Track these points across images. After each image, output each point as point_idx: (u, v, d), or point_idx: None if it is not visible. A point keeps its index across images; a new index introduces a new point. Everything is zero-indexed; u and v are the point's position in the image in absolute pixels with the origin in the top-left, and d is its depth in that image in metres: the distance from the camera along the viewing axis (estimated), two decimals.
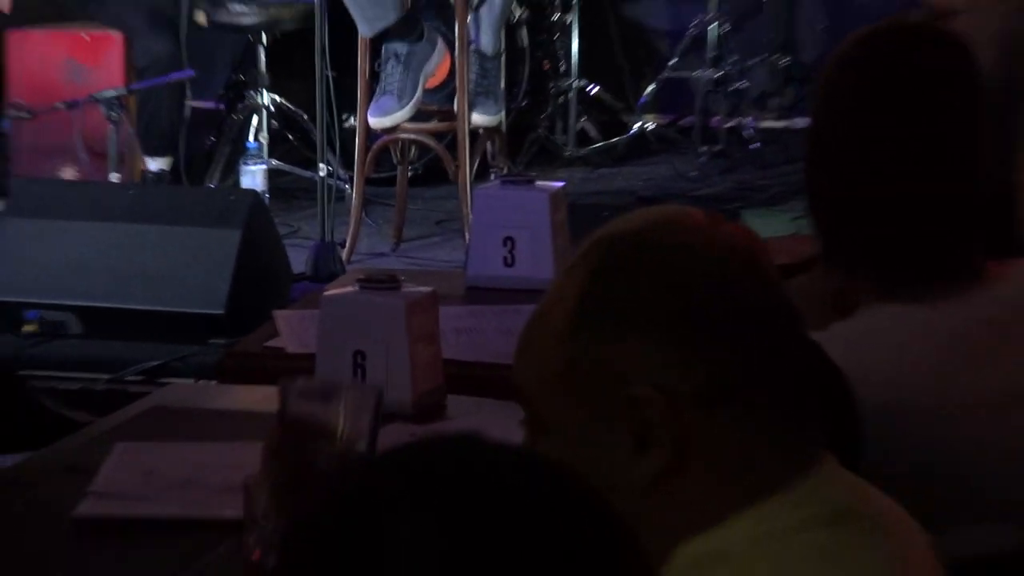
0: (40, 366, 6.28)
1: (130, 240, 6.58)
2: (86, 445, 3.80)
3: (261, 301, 6.03)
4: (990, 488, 2.93)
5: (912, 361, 2.98)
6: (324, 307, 3.97)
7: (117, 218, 6.66)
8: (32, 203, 6.86)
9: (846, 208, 3.12)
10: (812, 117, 3.26)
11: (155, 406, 4.14)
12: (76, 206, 6.79)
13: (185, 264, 6.51)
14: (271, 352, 4.37)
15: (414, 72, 7.39)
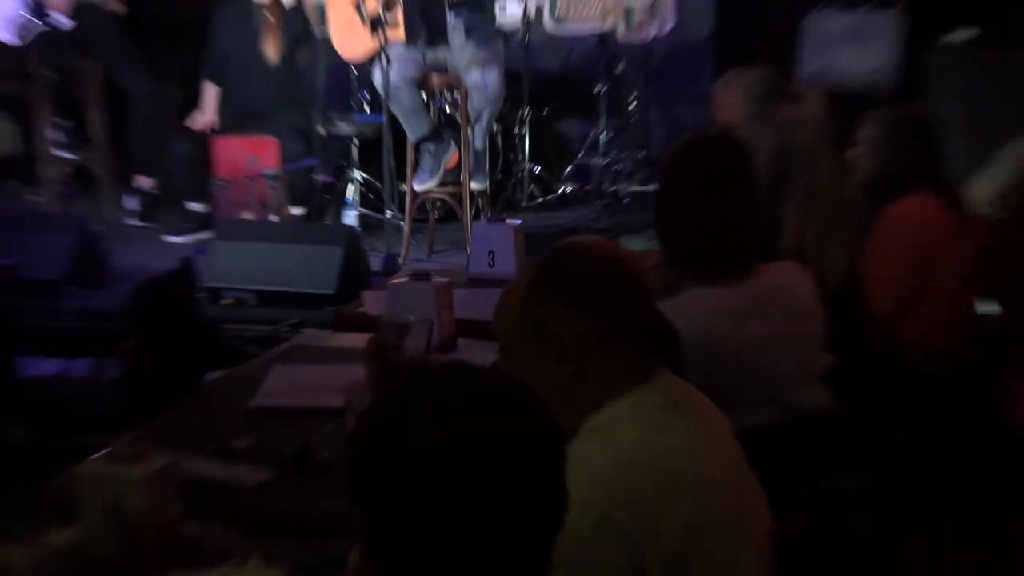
0: (232, 323, 6.76)
1: (282, 253, 7.08)
2: (258, 366, 4.20)
3: (354, 286, 6.67)
4: (756, 389, 3.31)
5: (712, 319, 3.32)
6: (390, 290, 4.32)
7: (275, 240, 7.18)
8: (227, 232, 7.37)
9: (675, 236, 3.46)
10: (659, 185, 3.59)
11: (295, 345, 4.59)
12: (252, 233, 7.30)
13: (313, 265, 6.99)
14: (360, 314, 4.83)
15: (438, 160, 7.99)
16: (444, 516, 1.69)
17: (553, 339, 2.43)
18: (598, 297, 2.45)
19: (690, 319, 3.25)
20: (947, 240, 4.95)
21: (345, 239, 7.18)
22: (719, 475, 2.42)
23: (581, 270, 2.49)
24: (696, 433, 2.45)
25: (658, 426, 2.41)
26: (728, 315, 3.37)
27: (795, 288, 3.55)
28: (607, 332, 2.44)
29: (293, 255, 7.13)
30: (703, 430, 2.48)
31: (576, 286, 2.46)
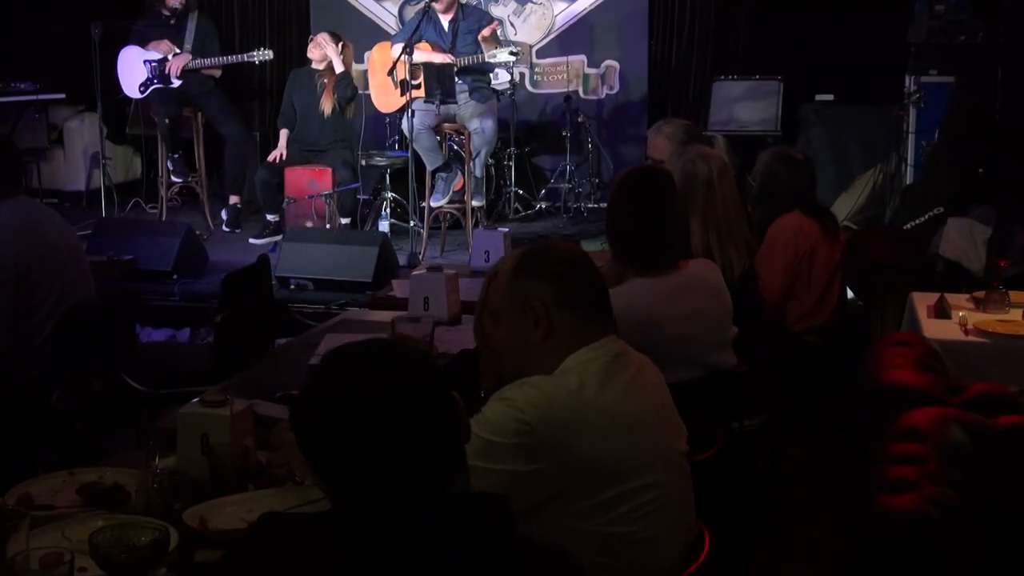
0: (295, 303, 6.72)
1: (334, 251, 7.09)
2: (314, 335, 4.16)
3: (386, 275, 6.60)
4: (682, 353, 3.27)
5: (648, 300, 3.27)
6: (412, 279, 4.29)
7: (328, 242, 7.22)
8: (294, 236, 7.41)
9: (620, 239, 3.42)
10: (608, 203, 3.54)
11: (342, 319, 4.55)
12: (311, 237, 7.36)
13: (356, 260, 7.00)
14: (390, 297, 4.77)
15: (448, 184, 8.08)
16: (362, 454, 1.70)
17: (529, 308, 2.41)
18: (561, 274, 2.44)
19: (633, 301, 3.21)
20: (820, 244, 4.94)
21: (379, 241, 7.21)
22: (643, 421, 2.38)
23: (550, 256, 2.49)
24: (629, 385, 2.40)
25: (601, 377, 2.35)
26: (661, 297, 3.33)
27: (709, 277, 3.51)
28: (567, 300, 2.41)
29: (341, 253, 7.13)
30: (636, 381, 2.41)
31: (546, 266, 2.45)
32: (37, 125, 9.81)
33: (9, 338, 4.13)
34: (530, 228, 8.79)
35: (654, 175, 3.57)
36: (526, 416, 2.26)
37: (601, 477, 2.28)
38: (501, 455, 2.24)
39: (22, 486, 2.58)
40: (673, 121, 4.95)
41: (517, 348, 2.46)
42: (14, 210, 4.22)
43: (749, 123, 8.74)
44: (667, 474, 2.39)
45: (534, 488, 2.26)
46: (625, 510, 2.30)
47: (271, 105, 10.21)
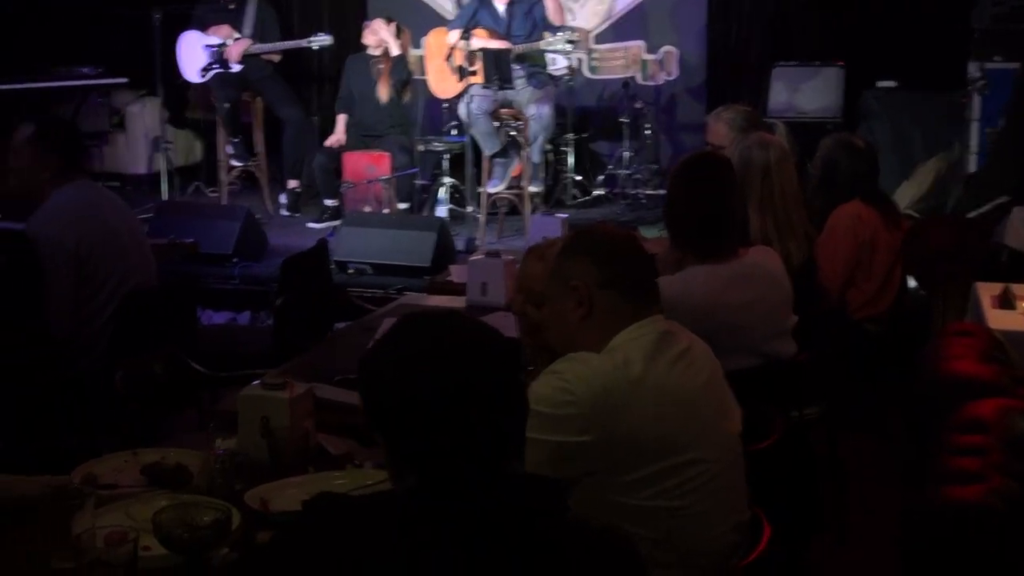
0: (354, 287, 6.75)
1: (392, 236, 7.15)
2: (372, 319, 4.20)
3: (443, 261, 6.68)
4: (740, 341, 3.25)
5: (707, 288, 3.27)
6: (470, 264, 4.39)
7: (387, 227, 7.28)
8: (352, 221, 7.48)
9: (679, 226, 3.43)
10: (667, 189, 3.57)
11: (400, 303, 4.61)
12: (370, 222, 7.43)
13: (414, 245, 7.04)
14: (448, 282, 4.82)
15: (506, 170, 8.06)
16: (430, 424, 1.69)
17: (572, 288, 2.45)
18: (604, 255, 2.47)
19: (691, 288, 3.22)
20: (881, 232, 4.90)
21: (437, 226, 7.26)
22: (689, 398, 2.39)
23: (594, 237, 2.54)
24: (676, 362, 2.41)
25: (647, 354, 2.38)
26: (719, 285, 3.32)
27: (769, 265, 3.49)
28: (609, 281, 2.44)
29: (399, 238, 7.17)
30: (683, 359, 2.43)
31: (589, 247, 2.49)
32: (99, 109, 9.91)
33: (71, 321, 4.17)
34: (587, 214, 8.79)
35: (713, 161, 3.56)
36: (573, 388, 2.29)
37: (645, 451, 2.30)
38: (548, 426, 2.26)
39: (86, 465, 2.62)
40: (733, 107, 4.94)
41: (561, 327, 2.51)
42: (76, 194, 4.26)
43: (809, 110, 8.68)
44: (714, 452, 2.39)
45: (579, 460, 2.29)
46: (670, 485, 2.32)
47: (330, 90, 10.20)
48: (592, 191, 9.31)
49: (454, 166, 8.55)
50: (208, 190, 9.52)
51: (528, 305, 2.82)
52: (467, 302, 4.37)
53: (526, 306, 2.84)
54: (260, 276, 7.16)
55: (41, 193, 4.22)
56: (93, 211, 4.26)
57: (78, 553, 2.01)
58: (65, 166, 4.23)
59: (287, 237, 8.09)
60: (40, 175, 4.19)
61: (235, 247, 7.36)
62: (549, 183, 8.92)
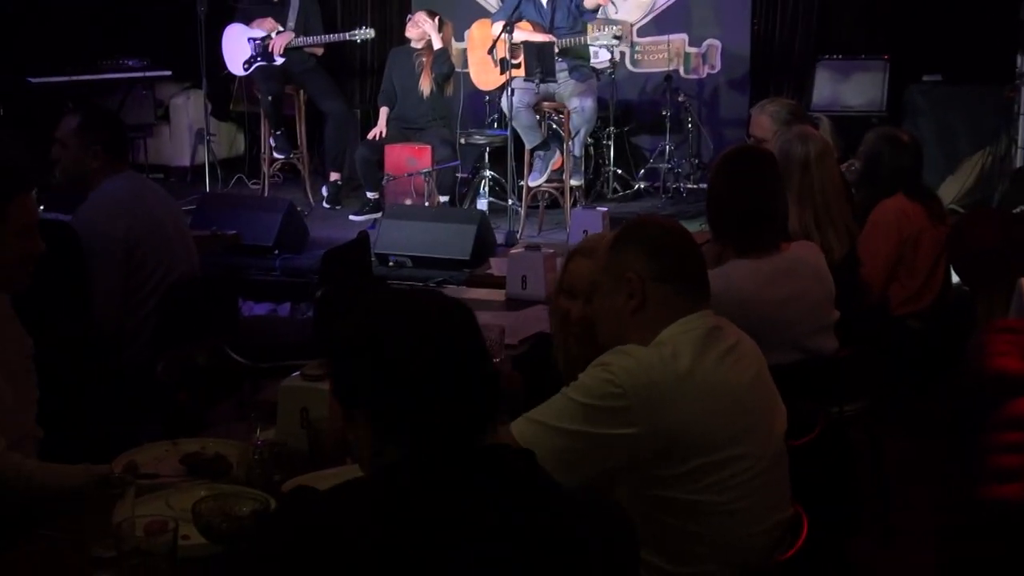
0: (394, 279, 6.83)
1: (432, 229, 7.12)
2: None
3: (483, 254, 6.72)
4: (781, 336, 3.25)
5: (748, 282, 3.25)
6: (510, 257, 4.39)
7: (427, 220, 7.25)
8: (393, 213, 7.45)
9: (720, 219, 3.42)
10: (709, 182, 3.53)
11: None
12: (411, 214, 7.38)
13: (454, 238, 7.04)
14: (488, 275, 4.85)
15: (547, 162, 8.08)
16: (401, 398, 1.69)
17: (624, 280, 2.44)
18: (657, 248, 2.46)
19: (732, 282, 3.20)
20: (925, 227, 4.88)
21: (478, 219, 7.26)
22: (736, 393, 2.37)
23: (647, 229, 2.51)
24: (724, 357, 2.39)
25: (695, 348, 2.36)
26: (761, 279, 3.31)
27: (811, 260, 3.47)
28: (661, 273, 2.43)
29: (440, 230, 7.18)
30: (731, 354, 2.41)
31: (643, 239, 2.48)
32: (144, 101, 9.97)
33: (119, 313, 4.19)
34: (628, 208, 8.77)
35: (756, 155, 3.55)
36: (620, 381, 2.27)
37: (690, 446, 2.29)
38: (592, 417, 2.27)
39: (128, 454, 2.64)
40: (777, 100, 4.93)
41: (611, 320, 2.49)
42: (123, 185, 4.27)
43: (854, 104, 8.63)
44: (759, 448, 2.38)
45: (621, 452, 2.28)
46: (713, 480, 2.31)
47: (372, 83, 10.29)
48: (633, 185, 9.30)
49: (495, 159, 8.59)
50: (250, 182, 9.57)
51: (562, 297, 2.81)
52: (507, 295, 4.36)
53: (559, 298, 2.82)
54: (301, 268, 7.19)
55: (88, 184, 4.24)
56: (139, 202, 4.28)
57: (118, 542, 2.02)
58: (111, 157, 4.24)
59: (328, 229, 8.11)
60: (88, 165, 4.21)
61: (276, 239, 7.37)
62: (590, 176, 8.92)
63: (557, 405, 2.31)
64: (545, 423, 2.29)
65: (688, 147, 9.33)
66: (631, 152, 9.49)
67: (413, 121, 8.43)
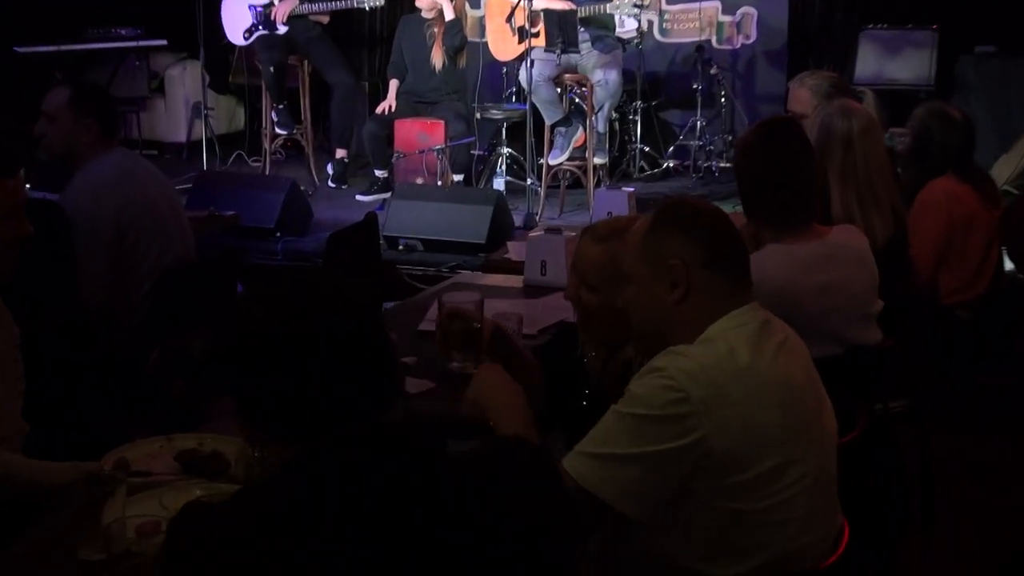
0: (404, 264, 6.85)
1: (445, 210, 7.15)
2: (423, 298, 4.26)
3: (500, 237, 6.82)
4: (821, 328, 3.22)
5: (786, 270, 3.23)
6: (529, 241, 4.43)
7: (440, 200, 7.29)
8: (403, 193, 7.47)
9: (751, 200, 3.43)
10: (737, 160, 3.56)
11: (453, 282, 4.63)
12: (422, 194, 7.42)
13: (468, 220, 7.06)
14: (505, 260, 5.07)
15: (568, 140, 8.08)
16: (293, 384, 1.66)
17: (668, 267, 2.38)
18: (705, 232, 2.41)
19: (768, 268, 3.10)
20: (977, 211, 4.86)
21: (494, 200, 7.27)
22: (794, 390, 2.34)
23: (692, 211, 2.46)
24: (778, 352, 2.37)
25: (751, 345, 2.32)
26: (800, 266, 3.29)
27: (854, 244, 3.45)
28: (711, 260, 2.38)
29: (453, 212, 7.20)
30: (784, 350, 2.39)
31: (689, 222, 2.42)
32: (137, 73, 10.00)
33: (107, 298, 4.21)
34: (656, 188, 8.77)
35: (788, 125, 3.54)
36: (679, 384, 2.24)
37: (754, 450, 2.26)
38: (654, 430, 2.23)
39: (118, 451, 2.65)
40: (818, 73, 4.89)
41: (649, 311, 2.45)
42: (113, 163, 4.29)
43: (900, 78, 8.61)
44: (814, 450, 2.36)
45: (686, 464, 2.24)
46: (771, 488, 2.27)
47: (381, 54, 10.26)
48: (661, 163, 9.30)
49: (513, 135, 8.58)
50: (250, 160, 9.59)
51: (582, 289, 2.78)
52: (525, 281, 4.37)
53: (580, 290, 2.80)
54: (304, 251, 7.21)
55: (78, 160, 4.26)
56: (131, 181, 4.30)
57: (108, 544, 2.02)
58: (104, 132, 4.27)
59: (334, 210, 8.14)
60: (80, 140, 4.24)
61: (278, 220, 7.40)
62: (615, 154, 8.92)
63: (611, 428, 2.27)
64: (602, 453, 2.26)
65: (720, 123, 9.29)
66: (659, 128, 9.48)
67: (425, 94, 8.44)
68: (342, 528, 1.58)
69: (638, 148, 9.16)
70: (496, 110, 8.65)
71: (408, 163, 8.15)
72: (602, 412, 2.34)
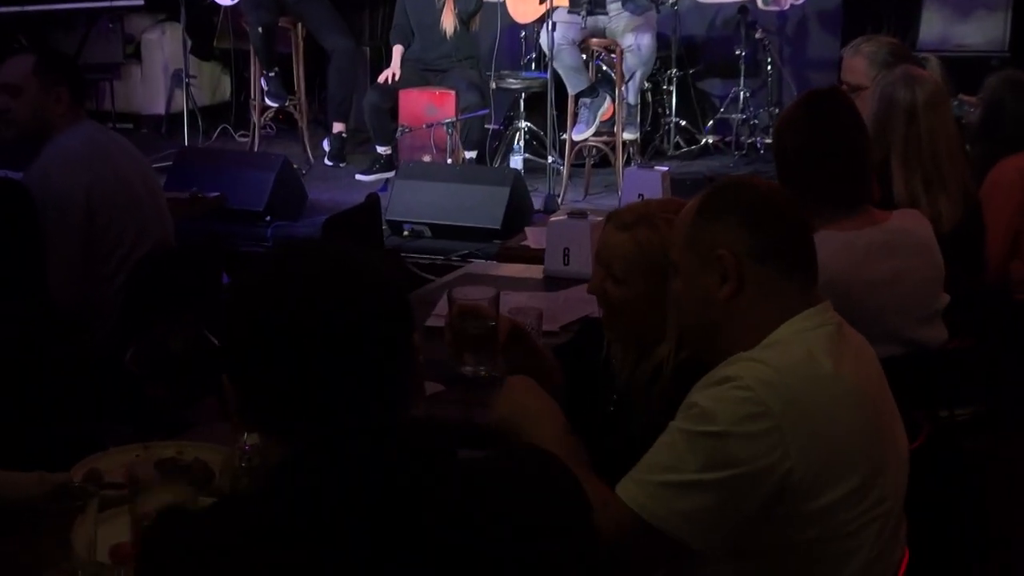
0: (409, 252, 6.88)
1: (456, 191, 7.21)
2: (431, 290, 4.30)
3: (518, 221, 6.80)
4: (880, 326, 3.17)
5: (839, 260, 3.17)
6: (550, 226, 4.47)
7: (450, 180, 7.34)
8: (408, 172, 7.51)
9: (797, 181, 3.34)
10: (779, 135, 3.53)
11: (465, 273, 4.62)
12: (430, 174, 7.44)
13: (482, 202, 7.12)
14: (523, 247, 4.96)
15: (594, 112, 8.07)
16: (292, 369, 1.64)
17: (715, 259, 2.34)
18: (758, 218, 2.35)
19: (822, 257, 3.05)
20: None
21: (511, 180, 7.30)
22: (873, 403, 2.33)
23: (745, 194, 2.40)
24: (857, 359, 2.36)
25: (830, 348, 2.29)
26: (856, 256, 3.29)
27: (917, 231, 3.45)
28: (764, 252, 2.33)
29: (465, 193, 7.25)
30: (860, 358, 2.38)
31: (739, 207, 2.37)
32: (111, 36, 9.98)
33: (77, 289, 4.23)
34: (693, 167, 8.80)
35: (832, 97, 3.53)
36: (758, 396, 2.19)
37: (844, 464, 2.23)
38: (731, 450, 2.18)
39: (89, 460, 2.66)
40: (876, 39, 4.86)
41: (698, 306, 2.41)
42: (83, 138, 4.31)
43: (970, 43, 8.59)
44: (891, 468, 2.35)
45: (766, 488, 2.20)
46: (850, 514, 2.25)
47: (384, 15, 10.22)
48: (699, 139, 9.32)
49: (532, 107, 8.57)
50: (237, 134, 9.62)
51: (608, 282, 2.76)
52: (545, 272, 4.40)
53: (605, 283, 2.77)
54: (298, 237, 7.18)
55: (47, 135, 4.28)
56: (103, 157, 4.32)
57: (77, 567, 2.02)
58: (72, 103, 4.29)
59: (331, 191, 8.21)
60: (50, 113, 4.26)
61: (268, 202, 7.42)
62: (647, 129, 8.94)
63: (677, 450, 2.22)
64: (669, 481, 2.21)
65: (766, 94, 9.30)
66: (697, 100, 9.50)
67: (433, 62, 8.44)
68: (333, 534, 1.58)
69: (673, 122, 9.17)
70: (514, 79, 8.65)
71: (414, 138, 8.16)
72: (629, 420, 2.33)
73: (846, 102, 3.47)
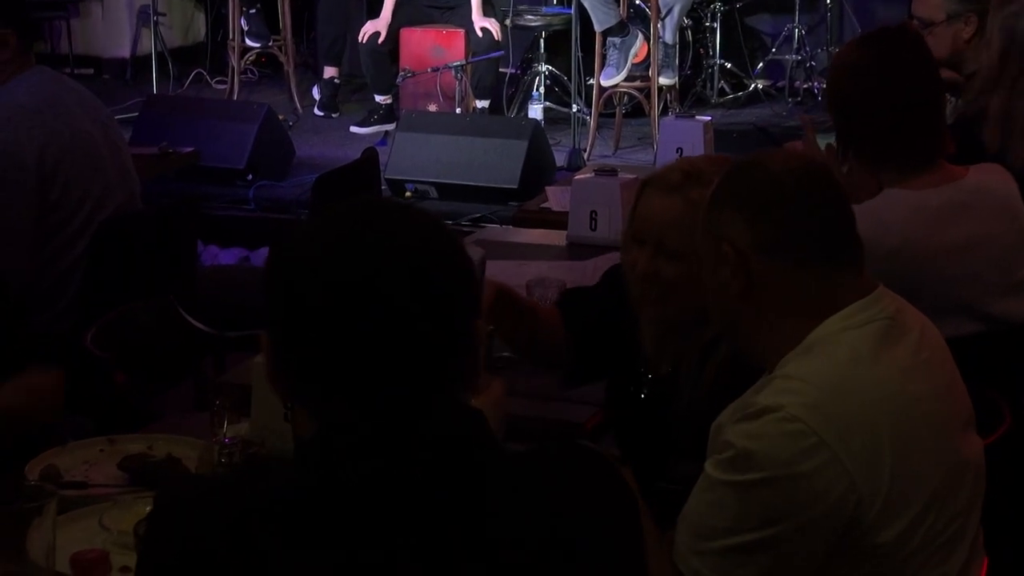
0: None
1: (466, 146, 7.24)
2: None
3: (537, 180, 6.75)
4: (955, 298, 3.26)
5: (908, 223, 3.25)
6: (575, 185, 4.49)
7: (459, 133, 7.34)
8: (411, 124, 7.54)
9: (858, 132, 3.39)
10: (836, 79, 3.56)
11: (476, 239, 4.57)
12: (435, 125, 7.49)
13: (496, 159, 7.14)
14: (543, 210, 4.95)
15: (625, 53, 8.06)
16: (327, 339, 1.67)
17: (723, 252, 2.32)
18: (759, 208, 2.31)
19: (887, 223, 3.18)
20: None
21: (529, 133, 7.31)
22: (937, 403, 2.31)
23: (755, 182, 2.36)
24: (916, 354, 2.32)
25: (874, 352, 2.26)
26: (927, 218, 3.29)
27: (998, 191, 3.43)
28: (768, 245, 2.29)
29: (476, 148, 7.27)
30: (919, 354, 2.33)
31: (738, 196, 2.34)
32: None
33: (31, 262, 4.21)
34: (740, 117, 8.83)
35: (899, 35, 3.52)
36: (806, 424, 2.15)
37: (906, 489, 2.20)
38: (788, 495, 2.15)
39: (46, 456, 2.67)
40: None
41: (717, 304, 2.42)
42: (30, 89, 4.29)
43: None
44: (967, 478, 2.34)
45: (836, 526, 2.17)
46: (916, 543, 2.23)
47: None
48: (748, 84, 9.35)
49: (554, 49, 8.60)
50: (214, 81, 9.64)
51: (660, 260, 2.71)
52: (569, 238, 4.41)
53: (657, 262, 2.72)
54: (284, 200, 7.26)
55: None
56: (57, 109, 4.30)
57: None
58: (20, 47, 4.28)
59: (322, 146, 8.24)
60: None
61: (250, 159, 7.44)
62: (687, 73, 8.96)
63: (728, 507, 2.18)
64: (727, 546, 2.17)
65: (825, 31, 9.34)
66: (745, 38, 9.52)
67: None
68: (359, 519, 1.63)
69: (717, 64, 9.22)
70: (532, 15, 8.68)
71: (417, 85, 8.20)
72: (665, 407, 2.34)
73: (918, 41, 3.49)
